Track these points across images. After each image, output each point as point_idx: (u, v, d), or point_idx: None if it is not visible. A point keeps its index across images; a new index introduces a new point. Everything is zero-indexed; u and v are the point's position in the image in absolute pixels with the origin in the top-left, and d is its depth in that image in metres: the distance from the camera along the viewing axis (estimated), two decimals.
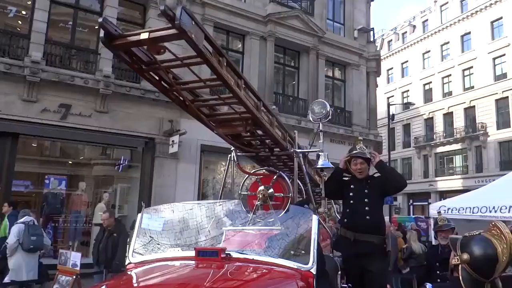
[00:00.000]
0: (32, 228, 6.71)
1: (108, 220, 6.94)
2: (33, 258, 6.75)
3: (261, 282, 2.66)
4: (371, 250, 3.76)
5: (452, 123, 33.69)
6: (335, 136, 15.94)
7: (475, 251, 1.96)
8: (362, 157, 4.00)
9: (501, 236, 1.91)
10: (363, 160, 3.99)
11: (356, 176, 4.00)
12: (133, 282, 2.47)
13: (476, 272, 1.94)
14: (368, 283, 3.74)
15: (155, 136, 12.26)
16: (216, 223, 3.61)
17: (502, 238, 1.90)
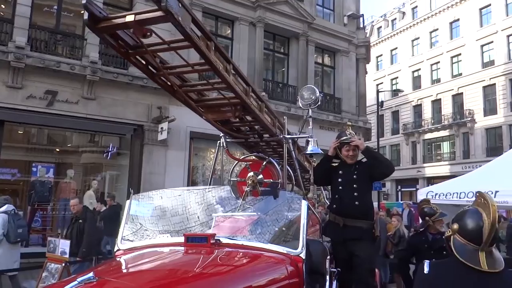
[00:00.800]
0: (15, 218, 6.58)
1: (77, 206, 6.85)
2: (17, 249, 6.69)
3: (251, 267, 2.67)
4: (359, 235, 3.78)
5: (440, 110, 33.99)
6: (324, 123, 15.98)
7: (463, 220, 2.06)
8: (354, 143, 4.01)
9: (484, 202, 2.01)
10: (354, 146, 3.99)
11: (346, 161, 4.00)
12: (122, 268, 2.45)
13: (466, 239, 2.01)
14: (357, 267, 3.76)
15: (144, 123, 12.14)
16: (206, 209, 3.61)
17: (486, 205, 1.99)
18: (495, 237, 1.99)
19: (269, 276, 2.58)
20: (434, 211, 5.10)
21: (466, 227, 2.03)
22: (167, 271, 2.35)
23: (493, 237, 1.97)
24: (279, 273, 2.66)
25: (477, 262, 1.96)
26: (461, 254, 2.01)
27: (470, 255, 1.98)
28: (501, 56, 29.69)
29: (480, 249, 1.97)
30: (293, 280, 2.71)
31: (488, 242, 1.97)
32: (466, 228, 2.03)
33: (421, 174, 33.97)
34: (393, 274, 9.34)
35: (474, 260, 1.97)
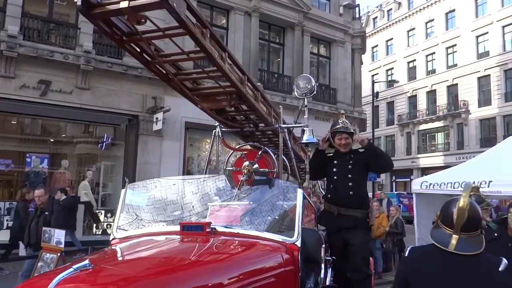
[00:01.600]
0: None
1: (43, 197, 6.44)
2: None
3: (247, 255, 2.67)
4: (354, 224, 3.81)
5: (435, 100, 34.07)
6: (320, 114, 15.98)
7: (444, 208, 2.21)
8: (346, 131, 3.99)
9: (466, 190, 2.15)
10: (347, 135, 3.99)
11: (339, 150, 4.00)
12: (118, 256, 2.45)
13: (444, 224, 2.15)
14: (352, 255, 3.80)
15: (139, 113, 12.07)
16: (201, 198, 3.60)
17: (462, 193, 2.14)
18: (470, 224, 2.06)
19: (265, 264, 2.59)
20: (482, 199, 4.81)
21: (444, 214, 2.18)
22: (163, 258, 2.36)
23: (470, 223, 2.06)
24: (275, 261, 2.67)
25: (447, 243, 2.07)
26: (435, 237, 2.15)
27: (442, 237, 2.10)
28: (496, 47, 29.74)
29: (453, 233, 2.08)
30: (289, 267, 2.73)
31: (459, 226, 2.06)
32: (444, 214, 2.18)
33: (416, 165, 34.16)
34: (387, 263, 9.45)
35: (445, 242, 2.09)
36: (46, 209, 6.44)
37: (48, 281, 1.65)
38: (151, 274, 1.95)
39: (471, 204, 2.07)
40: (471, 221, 2.06)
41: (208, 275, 2.17)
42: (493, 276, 1.97)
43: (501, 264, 2.00)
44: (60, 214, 8.70)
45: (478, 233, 2.09)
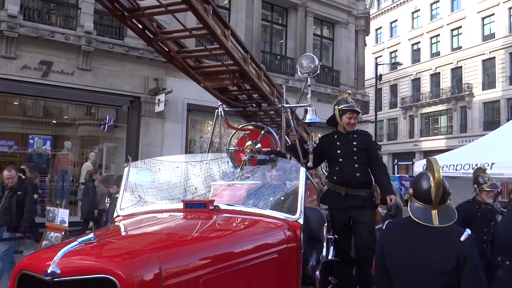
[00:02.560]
0: None
1: (14, 179, 6.11)
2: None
3: (250, 231, 2.69)
4: (361, 203, 3.84)
5: (438, 83, 33.79)
6: (323, 96, 15.88)
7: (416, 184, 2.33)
8: (355, 110, 3.97)
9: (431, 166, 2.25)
10: (356, 114, 3.97)
11: (345, 129, 3.96)
12: (122, 231, 2.47)
13: (419, 200, 2.26)
14: (361, 232, 3.82)
15: (141, 95, 12.02)
16: (204, 178, 3.60)
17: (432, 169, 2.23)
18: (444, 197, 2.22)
19: (268, 240, 2.61)
20: (485, 181, 4.89)
21: (418, 190, 2.29)
22: (167, 234, 2.38)
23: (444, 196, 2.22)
24: (278, 238, 2.69)
25: (430, 220, 2.20)
26: (415, 214, 2.26)
27: (424, 214, 2.22)
28: (502, 29, 29.30)
29: (432, 208, 2.21)
30: (291, 244, 2.75)
31: (437, 201, 2.20)
32: (418, 191, 2.29)
33: (418, 148, 34.12)
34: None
35: (426, 218, 2.22)
36: (19, 189, 6.14)
37: (53, 253, 1.66)
38: (155, 248, 1.97)
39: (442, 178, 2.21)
40: (444, 194, 2.22)
41: (211, 250, 2.19)
42: (455, 245, 2.12)
43: (463, 235, 2.14)
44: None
45: (449, 202, 2.26)
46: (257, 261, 2.41)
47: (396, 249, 2.29)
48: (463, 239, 2.13)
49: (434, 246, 2.17)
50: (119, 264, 1.69)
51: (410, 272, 2.21)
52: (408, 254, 2.22)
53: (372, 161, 3.97)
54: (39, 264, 1.68)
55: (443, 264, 2.11)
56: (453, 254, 2.10)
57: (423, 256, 2.16)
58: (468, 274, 2.09)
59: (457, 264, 2.09)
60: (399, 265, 2.26)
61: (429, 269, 2.13)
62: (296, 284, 2.79)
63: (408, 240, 2.25)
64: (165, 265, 1.79)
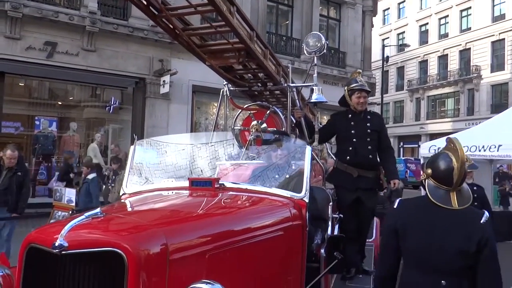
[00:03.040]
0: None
1: (15, 159, 5.98)
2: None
3: (255, 208, 2.70)
4: (371, 185, 3.87)
5: (446, 65, 33.36)
6: (328, 77, 15.75)
7: (435, 165, 2.23)
8: (365, 90, 3.92)
9: (454, 147, 2.16)
10: (366, 93, 3.92)
11: (356, 109, 3.92)
12: (128, 207, 2.49)
13: (439, 182, 2.19)
14: (364, 216, 3.91)
15: (146, 76, 12.00)
16: (210, 160, 3.59)
17: (455, 150, 2.14)
18: (463, 178, 2.17)
19: (273, 217, 2.62)
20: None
21: (438, 171, 2.20)
22: (173, 210, 2.39)
23: (464, 178, 2.16)
24: (283, 215, 2.69)
25: (449, 202, 2.15)
26: (433, 196, 2.20)
27: (442, 196, 2.17)
28: None
29: (451, 190, 2.16)
30: (297, 222, 2.75)
31: (458, 183, 2.15)
32: (438, 172, 2.20)
33: (424, 131, 33.92)
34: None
35: (446, 201, 2.16)
36: (19, 169, 6.07)
37: (61, 227, 1.68)
38: (161, 223, 1.98)
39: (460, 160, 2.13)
40: (465, 176, 2.18)
41: (217, 226, 2.20)
42: (476, 227, 2.09)
43: (483, 217, 2.11)
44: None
45: (464, 185, 2.21)
46: (262, 238, 2.42)
47: (412, 230, 2.21)
48: (483, 221, 2.10)
49: (453, 228, 2.11)
50: (126, 237, 1.70)
51: (427, 253, 2.14)
52: (425, 235, 2.15)
53: (381, 143, 3.97)
54: (47, 238, 1.70)
55: (463, 245, 2.06)
56: (475, 236, 2.06)
57: (441, 237, 2.11)
58: (487, 257, 2.07)
59: (478, 246, 2.05)
60: (415, 245, 2.18)
61: (448, 251, 2.08)
62: (301, 261, 2.81)
63: (425, 221, 2.18)
64: (171, 240, 1.80)
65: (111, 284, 1.64)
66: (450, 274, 2.10)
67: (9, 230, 5.82)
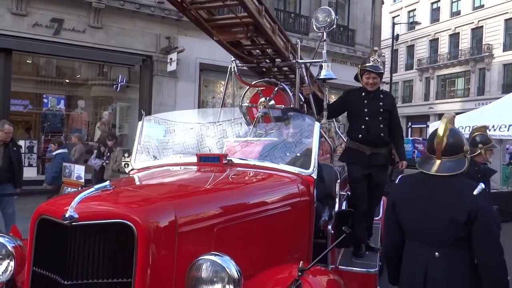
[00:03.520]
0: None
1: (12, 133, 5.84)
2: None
3: (263, 184, 2.70)
4: (383, 161, 3.89)
5: (457, 44, 32.71)
6: (337, 56, 15.54)
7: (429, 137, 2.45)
8: (375, 71, 3.84)
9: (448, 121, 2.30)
10: (376, 75, 3.82)
11: (366, 88, 3.88)
12: (137, 181, 2.50)
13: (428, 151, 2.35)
14: (375, 193, 3.93)
15: (153, 54, 11.91)
16: (218, 139, 3.58)
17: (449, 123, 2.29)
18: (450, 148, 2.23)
19: (281, 193, 2.62)
20: (488, 139, 4.67)
21: (428, 142, 2.40)
22: (181, 184, 2.40)
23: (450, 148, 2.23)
24: (291, 191, 2.70)
25: (430, 168, 2.27)
26: (420, 164, 2.35)
27: (426, 163, 2.30)
28: None
29: (436, 158, 2.27)
30: (304, 198, 2.76)
31: (439, 151, 2.25)
32: (428, 143, 2.40)
33: (433, 111, 33.55)
34: None
35: (428, 167, 2.29)
36: (14, 144, 6.00)
37: (71, 199, 1.69)
38: (170, 196, 1.99)
39: (450, 131, 2.24)
40: (450, 146, 2.23)
41: (225, 200, 2.21)
42: (467, 198, 2.11)
43: (476, 188, 2.13)
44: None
45: (460, 156, 2.24)
46: (270, 213, 2.43)
47: (407, 202, 2.33)
48: (476, 193, 2.11)
49: (445, 197, 2.18)
50: (136, 210, 1.71)
51: (421, 224, 2.24)
52: (418, 206, 2.25)
53: (392, 123, 3.97)
54: (57, 209, 1.71)
55: (454, 215, 2.11)
56: (466, 207, 2.09)
57: (434, 208, 2.19)
58: (479, 229, 2.08)
59: (468, 217, 2.08)
60: (409, 217, 2.30)
61: (439, 221, 2.15)
62: (308, 237, 2.82)
63: (419, 193, 2.28)
64: (180, 213, 1.81)
65: (121, 256, 1.65)
66: (443, 245, 2.16)
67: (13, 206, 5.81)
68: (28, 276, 1.79)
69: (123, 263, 1.64)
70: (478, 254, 2.11)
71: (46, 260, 1.75)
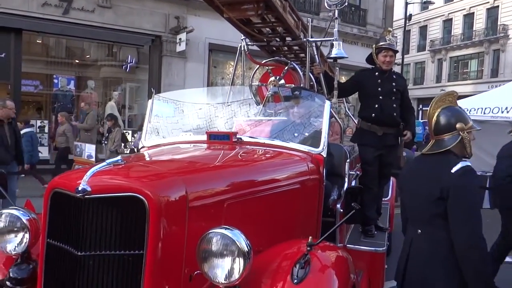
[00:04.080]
0: None
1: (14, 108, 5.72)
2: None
3: (273, 162, 2.71)
4: (395, 141, 3.92)
5: (472, 25, 31.98)
6: (348, 36, 15.28)
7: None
8: (392, 49, 3.82)
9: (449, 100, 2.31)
10: (393, 53, 3.85)
11: (381, 67, 3.85)
12: (147, 157, 2.52)
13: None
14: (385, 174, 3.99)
15: (162, 34, 11.85)
16: (227, 117, 3.58)
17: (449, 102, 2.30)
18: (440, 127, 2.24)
19: (290, 171, 2.64)
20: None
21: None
22: (192, 161, 2.42)
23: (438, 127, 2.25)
24: (300, 169, 2.71)
25: (424, 148, 2.36)
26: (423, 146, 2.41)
27: (427, 144, 2.34)
28: None
29: (431, 138, 2.31)
30: (314, 176, 2.77)
31: (431, 131, 2.30)
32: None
33: None
34: None
35: (424, 147, 2.36)
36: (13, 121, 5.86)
37: (83, 173, 1.71)
38: (181, 171, 2.01)
39: (441, 110, 2.25)
40: (439, 125, 2.24)
41: (235, 177, 2.23)
42: (444, 174, 2.11)
43: (456, 166, 2.09)
44: None
45: (453, 134, 2.21)
46: (279, 190, 2.44)
47: (406, 182, 2.43)
48: (453, 171, 2.07)
49: (428, 173, 2.22)
50: (148, 184, 1.73)
51: (409, 200, 2.36)
52: (410, 183, 2.35)
53: (404, 104, 3.99)
54: (70, 183, 1.73)
55: (431, 190, 2.14)
56: (440, 184, 2.10)
57: (419, 184, 2.25)
58: (451, 206, 2.05)
59: (441, 194, 2.07)
60: (405, 195, 2.44)
61: (421, 196, 2.21)
62: (317, 215, 2.84)
63: (414, 172, 2.38)
64: (191, 188, 1.83)
65: (133, 228, 1.68)
66: (424, 222, 2.20)
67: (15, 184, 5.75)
68: (43, 247, 1.83)
69: (135, 236, 1.67)
70: (452, 235, 2.05)
71: (60, 232, 1.78)
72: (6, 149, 5.52)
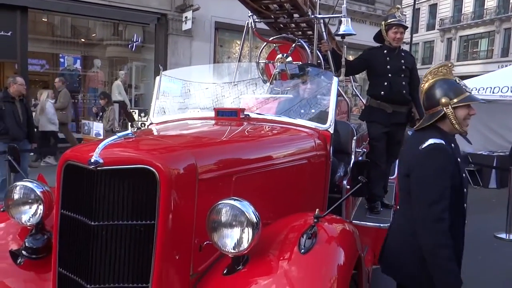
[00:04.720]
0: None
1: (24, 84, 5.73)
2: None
3: (280, 137, 2.74)
4: (404, 120, 3.92)
5: (483, 3, 31.30)
6: (356, 15, 15.04)
7: None
8: (403, 25, 3.82)
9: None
10: (403, 29, 3.84)
11: (391, 44, 3.83)
12: (156, 132, 2.56)
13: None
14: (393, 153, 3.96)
15: (167, 12, 11.75)
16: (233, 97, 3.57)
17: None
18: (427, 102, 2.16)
19: (298, 146, 2.66)
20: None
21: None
22: (200, 135, 2.45)
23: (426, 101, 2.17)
24: (307, 145, 2.73)
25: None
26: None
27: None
28: None
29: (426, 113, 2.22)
30: (321, 152, 2.79)
31: (423, 106, 2.23)
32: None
33: (454, 73, 32.60)
34: None
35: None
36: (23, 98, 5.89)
37: (95, 146, 1.74)
38: (190, 145, 2.04)
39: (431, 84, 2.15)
40: (425, 101, 2.18)
41: (243, 151, 2.26)
42: (414, 151, 2.08)
43: (426, 142, 2.02)
44: None
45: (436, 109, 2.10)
46: (286, 165, 2.47)
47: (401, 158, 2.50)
48: (421, 148, 2.01)
49: (407, 152, 2.25)
50: (158, 156, 1.76)
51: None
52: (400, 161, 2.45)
53: (413, 82, 3.97)
54: (82, 155, 1.77)
55: (402, 167, 2.20)
56: (408, 160, 2.12)
57: (400, 162, 2.39)
58: (412, 183, 2.02)
59: (407, 170, 2.07)
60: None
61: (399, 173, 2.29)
62: (323, 190, 2.88)
63: (404, 149, 2.46)
64: (200, 161, 1.86)
65: (144, 200, 1.72)
66: (401, 198, 2.26)
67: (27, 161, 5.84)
68: (57, 218, 1.88)
69: (146, 207, 1.70)
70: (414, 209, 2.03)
71: (73, 203, 1.83)
72: (18, 126, 5.62)
